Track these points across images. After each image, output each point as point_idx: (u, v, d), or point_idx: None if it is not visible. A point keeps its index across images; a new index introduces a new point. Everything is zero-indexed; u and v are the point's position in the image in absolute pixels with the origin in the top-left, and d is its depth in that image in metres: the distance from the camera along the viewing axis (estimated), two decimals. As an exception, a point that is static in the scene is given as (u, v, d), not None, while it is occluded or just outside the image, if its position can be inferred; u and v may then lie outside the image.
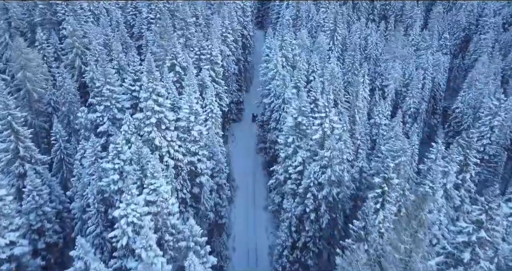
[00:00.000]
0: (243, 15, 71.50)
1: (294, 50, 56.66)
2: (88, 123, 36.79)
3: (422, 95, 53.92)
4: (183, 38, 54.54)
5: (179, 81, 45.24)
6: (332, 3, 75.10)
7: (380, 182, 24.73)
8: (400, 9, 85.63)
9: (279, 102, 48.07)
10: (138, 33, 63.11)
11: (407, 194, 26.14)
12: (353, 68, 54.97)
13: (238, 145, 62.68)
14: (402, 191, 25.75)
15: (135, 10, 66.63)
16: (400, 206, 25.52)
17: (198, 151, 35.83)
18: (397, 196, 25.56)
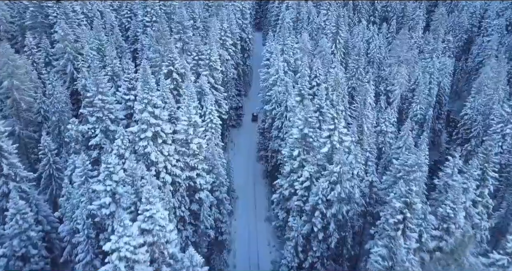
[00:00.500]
0: (242, 18, 68.73)
1: (296, 54, 54.00)
2: (79, 135, 33.92)
3: (428, 101, 51.41)
4: (180, 42, 51.73)
5: (177, 89, 42.45)
6: (333, 5, 72.52)
7: (401, 207, 22.15)
8: (401, 11, 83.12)
9: (282, 110, 45.38)
10: (134, 36, 60.24)
11: (429, 219, 23.56)
12: (358, 73, 52.34)
13: (237, 152, 59.99)
14: (423, 214, 23.20)
15: (130, 13, 63.76)
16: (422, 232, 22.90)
17: (197, 165, 33.08)
18: (418, 221, 23.00)
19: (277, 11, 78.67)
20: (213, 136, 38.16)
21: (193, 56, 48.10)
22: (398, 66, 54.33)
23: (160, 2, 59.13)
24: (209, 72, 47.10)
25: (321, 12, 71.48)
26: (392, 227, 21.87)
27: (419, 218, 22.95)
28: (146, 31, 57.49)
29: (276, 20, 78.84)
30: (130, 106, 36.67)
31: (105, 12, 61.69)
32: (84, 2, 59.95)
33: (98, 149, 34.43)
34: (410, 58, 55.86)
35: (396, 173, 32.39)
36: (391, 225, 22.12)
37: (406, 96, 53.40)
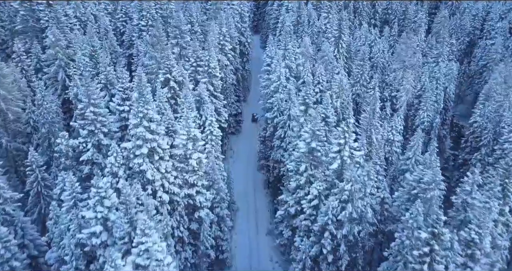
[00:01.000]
0: (241, 21, 66.12)
1: (298, 59, 51.51)
2: (70, 150, 31.22)
3: (436, 108, 49.09)
4: (177, 47, 49.10)
5: (174, 97, 39.85)
6: (333, 8, 70.14)
7: (429, 238, 19.74)
8: (402, 13, 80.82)
9: (284, 119, 42.84)
10: (129, 41, 57.45)
11: (456, 248, 21.15)
12: (362, 79, 49.93)
13: (237, 160, 57.38)
14: (450, 243, 20.77)
15: (125, 16, 60.96)
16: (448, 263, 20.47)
17: (196, 182, 30.51)
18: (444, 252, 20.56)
19: (276, 14, 76.11)
20: (213, 148, 35.58)
21: (191, 63, 45.51)
22: (403, 72, 51.96)
23: (157, 6, 56.47)
24: (208, 80, 44.52)
25: (322, 15, 69.06)
26: (416, 259, 19.46)
27: (446, 247, 20.54)
28: (142, 36, 54.86)
29: (276, 23, 76.29)
30: (124, 118, 34.01)
31: (99, 16, 58.89)
32: (77, 6, 57.13)
33: (90, 164, 31.76)
34: (415, 63, 53.48)
35: (410, 189, 29.97)
36: (415, 257, 19.69)
37: (412, 102, 51.02)
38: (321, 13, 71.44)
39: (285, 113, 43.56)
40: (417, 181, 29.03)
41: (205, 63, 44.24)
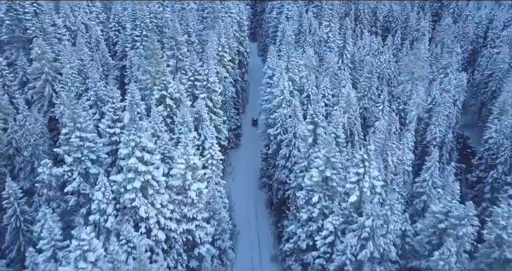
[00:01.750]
0: (239, 30, 62.56)
1: (301, 71, 47.99)
2: (53, 180, 27.32)
3: (448, 123, 45.76)
4: (173, 59, 45.38)
5: (171, 116, 36.08)
6: (335, 16, 66.83)
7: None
8: (404, 21, 77.78)
9: (290, 137, 39.19)
10: (122, 52, 53.67)
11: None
12: (370, 93, 46.50)
13: (237, 177, 53.56)
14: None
15: (118, 26, 57.18)
16: None
17: (196, 215, 26.74)
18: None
19: (276, 22, 72.62)
20: (214, 173, 31.82)
21: (188, 76, 41.78)
22: (412, 84, 48.60)
23: (151, 15, 52.77)
24: (207, 95, 40.81)
25: (323, 23, 65.71)
26: None
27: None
28: (136, 46, 51.15)
29: (275, 31, 72.80)
30: (115, 141, 30.18)
31: (90, 25, 55.07)
32: (67, 15, 53.21)
33: (76, 195, 27.87)
34: (424, 74, 50.21)
35: (435, 222, 26.40)
36: None
37: (422, 116, 47.62)
38: (322, 21, 68.18)
39: (290, 130, 39.91)
40: (445, 214, 25.48)
41: (204, 78, 40.54)
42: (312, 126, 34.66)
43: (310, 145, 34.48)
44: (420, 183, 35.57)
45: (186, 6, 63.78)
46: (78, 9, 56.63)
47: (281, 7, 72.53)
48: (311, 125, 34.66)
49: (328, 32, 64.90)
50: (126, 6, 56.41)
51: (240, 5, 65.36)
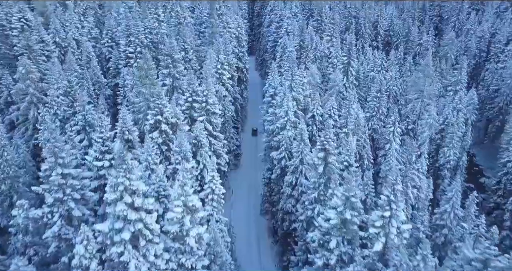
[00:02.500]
0: (238, 46, 59.17)
1: (306, 90, 44.50)
2: (30, 224, 23.28)
3: (463, 145, 42.34)
4: (169, 78, 41.75)
5: (166, 143, 32.21)
6: (336, 31, 63.82)
7: None
8: (405, 35, 74.98)
9: (296, 163, 35.43)
10: (115, 69, 49.95)
11: None
12: (379, 113, 43.05)
13: (237, 201, 49.62)
14: None
15: (111, 41, 53.50)
16: None
17: (195, 265, 22.75)
18: None
19: (275, 37, 69.37)
20: (215, 210, 27.89)
21: (186, 97, 38.04)
22: (421, 103, 45.27)
23: (146, 31, 49.22)
24: (206, 117, 37.05)
25: (325, 38, 62.61)
26: None
27: None
28: (129, 63, 47.50)
29: (274, 46, 69.65)
30: (103, 176, 26.25)
31: (81, 41, 51.36)
32: (57, 30, 49.47)
33: (57, 240, 23.80)
34: (434, 92, 46.94)
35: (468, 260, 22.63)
36: None
37: (434, 138, 44.16)
38: (323, 36, 65.14)
39: (296, 156, 36.15)
40: (482, 262, 21.67)
41: (203, 99, 36.82)
42: (323, 154, 30.93)
43: (320, 175, 30.79)
44: (440, 214, 31.92)
45: (182, 21, 60.47)
46: (69, 24, 52.94)
47: (280, 22, 69.39)
48: (322, 152, 30.94)
49: (329, 47, 61.76)
50: (120, 21, 52.81)
51: (239, 20, 62.09)
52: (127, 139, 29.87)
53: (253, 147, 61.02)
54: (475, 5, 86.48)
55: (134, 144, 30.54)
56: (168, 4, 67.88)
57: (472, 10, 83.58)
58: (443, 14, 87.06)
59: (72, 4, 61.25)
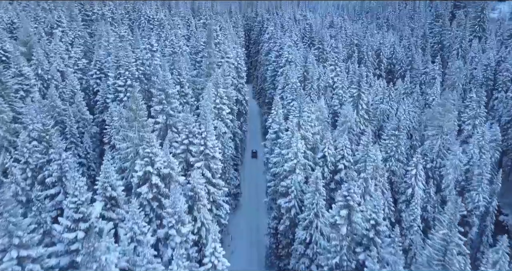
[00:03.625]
0: (237, 76, 54.49)
1: (314, 127, 39.40)
2: None
3: (493, 188, 37.15)
4: (163, 115, 36.45)
5: (158, 198, 26.52)
6: (340, 59, 59.65)
7: None
8: (408, 64, 71.18)
9: (310, 217, 29.82)
10: (103, 103, 44.66)
11: None
12: (398, 154, 37.93)
13: (237, 250, 43.33)
14: None
15: (100, 73, 48.47)
16: None
17: None
18: None
19: (275, 66, 64.99)
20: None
21: (181, 139, 32.67)
22: (441, 140, 40.32)
23: (138, 62, 44.32)
24: (204, 163, 31.55)
25: (328, 67, 58.28)
26: None
27: None
28: (119, 97, 42.29)
29: (274, 75, 65.24)
30: (76, 251, 20.34)
31: (67, 73, 46.27)
32: (40, 62, 44.33)
33: None
34: (454, 128, 42.16)
35: None
36: None
37: (458, 181, 38.94)
38: (326, 65, 60.95)
39: (309, 207, 30.59)
40: None
41: (201, 142, 31.42)
42: (346, 211, 25.46)
43: (343, 237, 25.23)
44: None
45: (178, 50, 55.90)
46: (54, 54, 47.92)
47: (280, 50, 65.17)
48: (345, 210, 25.47)
49: (334, 77, 57.42)
50: (110, 51, 47.90)
51: (238, 49, 57.71)
52: (110, 196, 24.24)
53: (254, 172, 57.61)
54: (477, 33, 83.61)
55: (119, 201, 24.86)
56: (163, 32, 63.67)
57: (474, 37, 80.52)
58: (444, 41, 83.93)
59: (59, 32, 56.57)
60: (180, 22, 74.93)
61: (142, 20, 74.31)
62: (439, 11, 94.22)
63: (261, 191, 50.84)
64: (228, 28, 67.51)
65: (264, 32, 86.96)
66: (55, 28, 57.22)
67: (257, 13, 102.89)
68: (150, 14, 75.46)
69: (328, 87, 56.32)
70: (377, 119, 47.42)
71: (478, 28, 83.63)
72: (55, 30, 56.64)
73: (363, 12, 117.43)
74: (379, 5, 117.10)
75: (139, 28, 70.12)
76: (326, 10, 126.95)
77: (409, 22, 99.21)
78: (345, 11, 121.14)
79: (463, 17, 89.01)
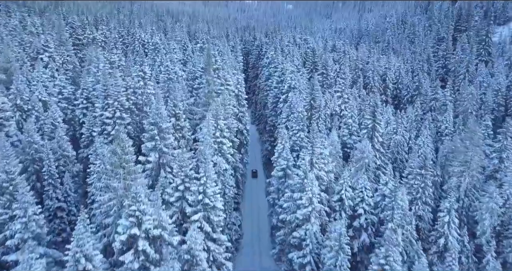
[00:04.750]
0: (238, 105, 49.61)
1: (328, 164, 34.17)
2: None
3: (536, 236, 31.92)
4: (155, 152, 31.09)
5: (146, 267, 20.77)
6: (347, 86, 55.18)
7: None
8: (415, 89, 66.99)
9: (333, 280, 24.17)
10: (88, 137, 39.28)
11: None
12: (425, 196, 32.66)
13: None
14: None
15: (87, 102, 43.34)
16: None
17: None
18: None
19: (276, 92, 60.18)
20: None
21: (176, 184, 27.24)
22: (469, 177, 35.19)
23: (129, 91, 39.28)
24: (203, 214, 25.98)
25: (335, 94, 53.64)
26: None
27: None
28: (106, 130, 36.97)
29: (276, 102, 60.38)
30: None
31: (50, 103, 41.07)
32: (19, 91, 39.15)
33: None
34: (480, 163, 37.13)
35: None
36: None
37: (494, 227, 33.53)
38: (331, 91, 56.37)
39: (327, 263, 24.97)
40: None
41: (199, 188, 25.97)
42: None
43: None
44: None
45: (173, 76, 51.13)
46: (37, 82, 42.81)
47: (281, 75, 60.61)
48: None
49: (341, 104, 52.72)
50: (99, 78, 42.88)
51: (238, 75, 53.13)
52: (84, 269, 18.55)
53: (254, 193, 53.62)
54: (482, 57, 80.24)
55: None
56: (158, 57, 59.12)
57: (480, 62, 77.04)
58: (448, 65, 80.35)
59: (45, 58, 51.68)
60: (176, 46, 70.68)
61: (137, 44, 69.92)
62: (440, 34, 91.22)
63: (263, 223, 45.81)
64: (226, 52, 63.16)
65: (263, 57, 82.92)
66: (42, 53, 52.33)
67: (255, 37, 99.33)
68: (145, 38, 71.16)
69: (335, 115, 51.52)
70: (391, 151, 42.40)
71: (484, 52, 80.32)
72: (41, 56, 51.74)
73: (362, 35, 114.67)
74: (378, 28, 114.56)
75: (133, 52, 65.65)
76: (324, 34, 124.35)
77: (410, 46, 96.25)
78: (343, 34, 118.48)
79: (465, 40, 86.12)
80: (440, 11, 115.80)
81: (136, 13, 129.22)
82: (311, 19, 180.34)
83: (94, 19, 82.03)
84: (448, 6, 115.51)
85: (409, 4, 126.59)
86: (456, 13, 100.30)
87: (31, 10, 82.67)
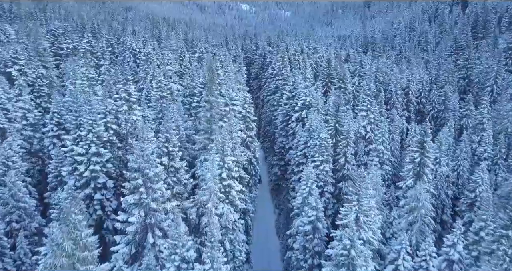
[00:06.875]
0: (246, 128, 40.16)
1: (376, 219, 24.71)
2: None
3: None
4: (139, 209, 21.59)
5: None
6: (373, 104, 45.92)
7: None
8: (441, 103, 58.03)
9: None
10: (57, 177, 29.62)
11: None
12: None
13: None
14: None
15: (58, 129, 33.57)
16: None
17: None
18: None
19: (287, 109, 50.69)
20: None
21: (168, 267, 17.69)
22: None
23: (108, 118, 29.69)
24: None
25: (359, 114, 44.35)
26: None
27: None
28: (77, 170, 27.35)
29: (286, 120, 50.96)
30: None
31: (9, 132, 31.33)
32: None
33: None
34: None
35: None
36: None
37: None
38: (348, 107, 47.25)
39: None
40: None
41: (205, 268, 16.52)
42: None
43: None
44: None
45: (167, 93, 41.61)
46: None
47: (293, 90, 51.26)
48: None
49: (366, 125, 43.46)
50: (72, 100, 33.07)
51: (244, 92, 43.72)
52: None
53: (262, 231, 44.37)
54: (509, 67, 71.52)
55: None
56: (150, 69, 49.67)
57: (506, 72, 68.30)
58: (471, 76, 71.51)
59: (14, 72, 42.01)
60: (171, 56, 61.27)
61: (127, 54, 60.43)
62: (458, 42, 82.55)
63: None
64: (229, 63, 53.84)
65: (268, 67, 73.76)
66: (10, 66, 42.71)
67: (257, 45, 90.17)
68: (137, 47, 61.71)
69: (359, 139, 42.28)
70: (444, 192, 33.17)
71: (511, 61, 71.64)
72: (10, 69, 42.11)
73: (368, 44, 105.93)
74: (385, 35, 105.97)
75: (122, 64, 56.15)
76: (327, 42, 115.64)
77: (423, 54, 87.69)
78: (348, 42, 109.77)
79: (487, 48, 77.65)
80: (450, 17, 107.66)
81: (131, 20, 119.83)
82: (311, 26, 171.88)
83: (81, 25, 72.44)
84: (459, 12, 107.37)
85: (416, 11, 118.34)
86: (473, 19, 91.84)
87: (16, 16, 73.09)
